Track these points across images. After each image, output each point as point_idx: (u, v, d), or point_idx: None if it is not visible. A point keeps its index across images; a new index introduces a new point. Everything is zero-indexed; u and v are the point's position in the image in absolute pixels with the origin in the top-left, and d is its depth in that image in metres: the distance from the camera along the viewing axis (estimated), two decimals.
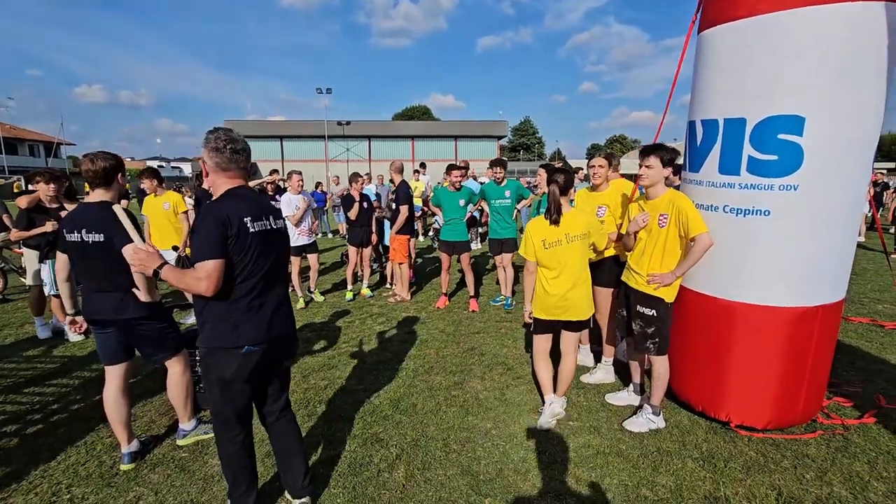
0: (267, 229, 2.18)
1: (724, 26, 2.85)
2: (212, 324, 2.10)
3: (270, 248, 2.18)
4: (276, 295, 2.23)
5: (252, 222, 2.11)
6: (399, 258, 6.28)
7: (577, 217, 3.16)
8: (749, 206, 2.81)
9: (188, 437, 3.03)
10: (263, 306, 2.17)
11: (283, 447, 2.41)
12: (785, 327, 2.89)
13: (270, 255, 2.18)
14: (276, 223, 2.25)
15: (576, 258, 3.12)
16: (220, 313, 2.09)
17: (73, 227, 2.59)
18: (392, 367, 4.22)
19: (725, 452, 2.90)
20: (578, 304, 3.15)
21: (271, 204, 2.50)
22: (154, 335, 2.79)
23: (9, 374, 4.04)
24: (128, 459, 2.80)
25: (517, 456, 2.90)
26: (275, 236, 2.22)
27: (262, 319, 2.15)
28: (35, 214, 4.74)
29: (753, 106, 2.73)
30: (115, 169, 2.68)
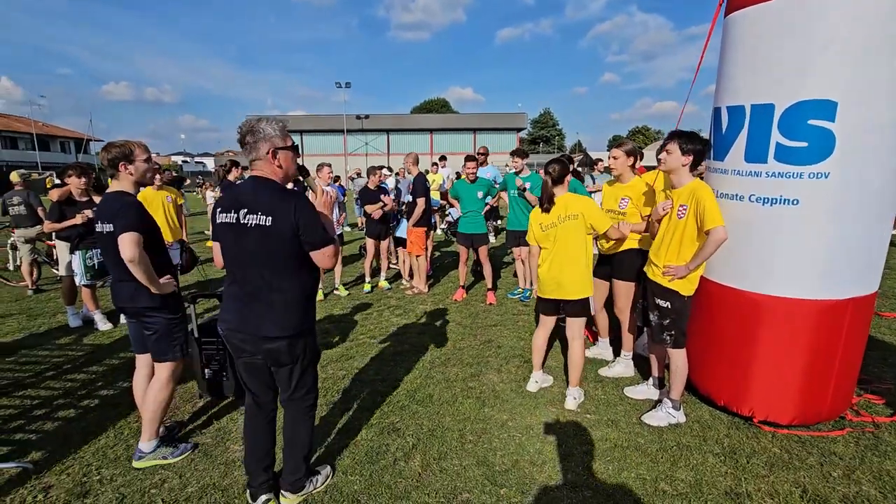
0: (232, 223, 2.17)
1: (753, 8, 2.74)
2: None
3: (235, 239, 2.18)
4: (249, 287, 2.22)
5: (221, 213, 2.24)
6: (416, 251, 6.29)
7: (571, 200, 3.29)
8: (777, 195, 2.71)
9: (145, 460, 2.74)
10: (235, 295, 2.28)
11: (285, 434, 2.44)
12: (813, 321, 2.79)
13: (234, 247, 2.20)
14: (245, 218, 2.15)
15: (568, 237, 3.26)
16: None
17: (98, 219, 2.67)
18: (409, 358, 4.24)
19: (748, 448, 2.84)
20: (570, 282, 3.29)
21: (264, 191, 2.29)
22: (161, 330, 2.73)
23: (42, 361, 4.21)
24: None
25: (533, 448, 2.89)
26: (244, 231, 2.16)
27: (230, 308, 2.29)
28: (66, 207, 4.91)
29: (782, 91, 2.62)
30: (117, 158, 2.63)
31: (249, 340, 2.23)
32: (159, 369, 2.79)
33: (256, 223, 2.11)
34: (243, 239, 2.14)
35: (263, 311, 2.20)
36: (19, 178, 6.71)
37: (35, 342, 4.69)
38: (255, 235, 2.12)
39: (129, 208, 2.59)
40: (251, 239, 2.13)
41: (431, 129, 46.83)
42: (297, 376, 2.34)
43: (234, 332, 2.25)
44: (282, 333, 2.21)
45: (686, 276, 2.93)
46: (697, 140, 2.91)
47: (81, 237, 4.90)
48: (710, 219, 2.74)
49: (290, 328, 2.23)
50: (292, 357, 2.28)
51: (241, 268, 2.21)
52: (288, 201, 2.13)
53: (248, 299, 2.21)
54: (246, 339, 2.23)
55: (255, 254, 2.15)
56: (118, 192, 2.67)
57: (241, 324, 2.23)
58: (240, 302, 2.23)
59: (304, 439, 2.43)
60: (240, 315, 2.23)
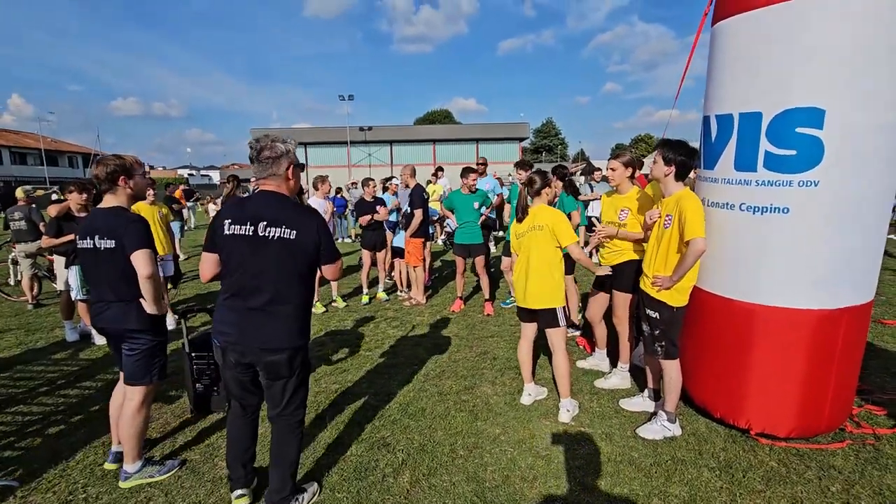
0: (249, 235, 2.20)
1: (740, 17, 2.73)
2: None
3: (250, 251, 2.21)
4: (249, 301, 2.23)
5: (231, 225, 2.22)
6: (414, 261, 6.28)
7: (543, 212, 3.34)
8: (767, 204, 2.68)
9: (130, 480, 2.68)
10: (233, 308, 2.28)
11: (272, 450, 2.43)
12: (807, 330, 2.74)
13: (248, 258, 2.21)
14: (266, 230, 2.20)
15: (534, 246, 3.31)
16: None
17: (86, 234, 2.57)
18: (404, 370, 4.21)
19: (745, 462, 2.77)
20: (534, 292, 3.33)
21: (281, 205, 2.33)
22: (144, 352, 2.64)
23: (36, 377, 4.20)
24: (112, 459, 2.84)
25: (525, 462, 2.84)
26: (263, 244, 2.20)
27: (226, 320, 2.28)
28: (64, 223, 4.94)
29: (769, 99, 2.61)
30: (116, 172, 2.59)
31: (250, 353, 2.24)
32: (133, 393, 2.65)
33: (280, 236, 2.17)
34: (262, 250, 2.17)
35: (268, 322, 2.22)
36: (23, 195, 6.80)
37: (32, 357, 4.69)
38: (276, 247, 2.17)
39: (138, 225, 2.56)
40: (271, 251, 2.17)
41: (434, 140, 47.05)
42: (290, 391, 2.34)
43: (234, 345, 2.25)
44: (285, 345, 2.25)
45: (672, 287, 2.90)
46: (682, 149, 2.89)
47: (77, 253, 4.93)
48: (690, 229, 2.72)
49: (293, 340, 2.27)
50: (291, 370, 2.30)
51: (252, 279, 2.20)
52: (311, 218, 2.26)
53: (251, 312, 2.22)
54: (246, 351, 2.24)
55: (272, 265, 2.19)
56: (118, 208, 2.63)
57: (241, 336, 2.23)
58: (239, 314, 2.23)
59: (291, 456, 2.41)
60: (239, 328, 2.23)
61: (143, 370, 2.65)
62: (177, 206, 9.97)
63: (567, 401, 3.34)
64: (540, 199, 3.41)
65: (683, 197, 2.83)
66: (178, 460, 2.87)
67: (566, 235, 3.25)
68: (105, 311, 2.61)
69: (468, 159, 43.37)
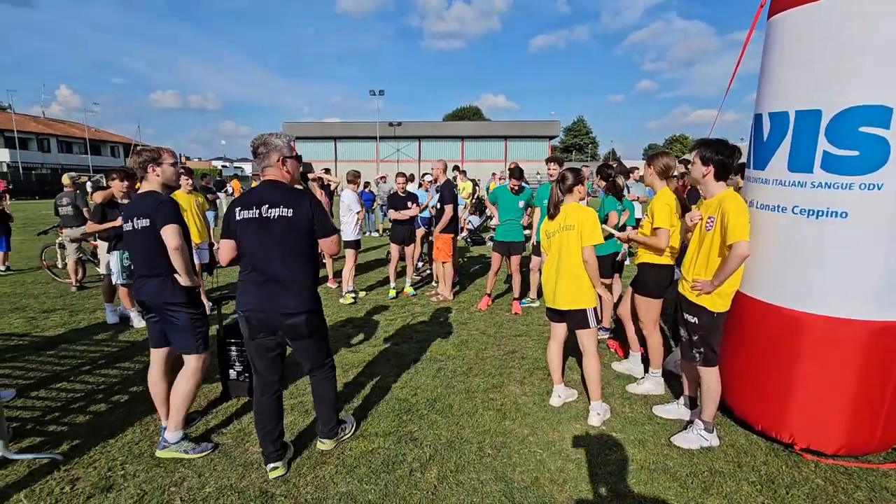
0: (255, 217, 2.53)
1: (800, 9, 2.59)
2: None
3: (258, 231, 2.53)
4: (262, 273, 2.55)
5: (241, 212, 2.56)
6: (443, 257, 6.26)
7: (574, 210, 3.24)
8: (823, 207, 2.54)
9: (167, 451, 2.83)
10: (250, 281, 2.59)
11: (315, 395, 2.91)
12: (862, 343, 2.58)
13: (257, 238, 2.53)
14: (268, 212, 2.52)
15: (565, 245, 3.23)
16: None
17: (128, 217, 2.83)
18: (431, 366, 4.19)
19: (788, 478, 2.64)
20: (562, 292, 3.26)
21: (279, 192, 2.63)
22: (184, 324, 2.84)
23: (79, 356, 4.38)
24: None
25: (554, 465, 2.78)
26: (266, 223, 2.52)
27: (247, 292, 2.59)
28: (108, 209, 5.12)
29: (830, 96, 2.46)
30: (146, 161, 2.85)
31: (270, 318, 2.56)
32: (187, 361, 2.91)
33: (280, 214, 2.52)
34: (266, 229, 2.52)
35: (284, 291, 2.55)
36: (69, 181, 7.10)
37: (75, 337, 4.89)
38: (277, 225, 2.52)
39: (167, 204, 2.81)
40: (275, 228, 2.52)
41: (463, 137, 46.96)
42: (314, 347, 2.75)
43: (256, 312, 2.56)
44: (301, 309, 2.58)
45: (713, 292, 2.79)
46: (720, 148, 2.77)
47: (119, 238, 5.10)
48: (732, 233, 2.60)
49: (306, 304, 2.61)
50: (310, 329, 2.65)
51: (263, 255, 2.54)
52: (304, 197, 2.59)
53: (268, 283, 2.55)
54: (267, 317, 2.56)
55: (277, 241, 2.53)
56: (150, 192, 2.87)
57: (262, 304, 2.55)
58: (259, 286, 2.56)
59: (330, 396, 2.89)
60: (260, 297, 2.55)
61: (188, 340, 2.88)
62: (211, 196, 10.25)
63: (597, 404, 3.26)
64: (572, 196, 3.32)
65: (726, 198, 2.71)
66: (211, 444, 2.95)
67: (588, 235, 3.15)
68: (144, 286, 2.85)
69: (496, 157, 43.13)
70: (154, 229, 2.73)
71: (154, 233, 2.73)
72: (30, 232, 12.85)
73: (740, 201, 2.70)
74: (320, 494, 2.53)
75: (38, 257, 7.93)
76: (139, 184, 2.94)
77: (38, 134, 43.62)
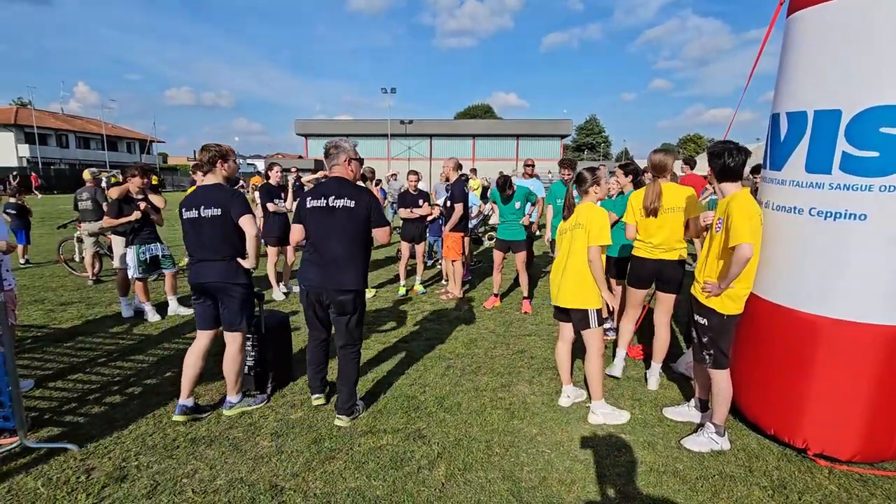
0: (323, 206, 3.06)
1: (820, 6, 2.54)
2: None
3: (323, 218, 3.06)
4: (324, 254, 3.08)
5: (311, 200, 3.11)
6: (453, 255, 6.26)
7: (586, 210, 3.24)
8: (841, 209, 2.49)
9: (234, 409, 3.31)
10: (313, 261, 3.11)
11: (339, 373, 3.25)
12: (879, 347, 2.53)
13: (322, 224, 3.06)
14: (333, 202, 3.05)
15: (574, 243, 3.23)
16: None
17: (192, 206, 3.09)
18: (439, 364, 4.20)
19: (800, 484, 2.60)
20: (565, 290, 3.28)
21: (343, 186, 3.13)
22: (242, 300, 3.18)
23: (95, 348, 4.47)
24: (179, 411, 3.20)
25: (562, 465, 2.77)
26: (332, 212, 3.05)
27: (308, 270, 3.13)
28: (124, 204, 5.20)
29: (851, 95, 2.41)
30: (215, 157, 3.16)
31: (327, 293, 3.08)
32: (232, 340, 3.23)
33: (344, 205, 3.04)
34: (331, 216, 3.04)
35: (338, 271, 3.05)
36: (90, 176, 7.24)
37: (91, 329, 4.99)
38: (341, 213, 3.04)
39: (241, 197, 3.20)
40: (338, 216, 3.04)
41: (474, 135, 46.88)
42: (353, 324, 3.18)
43: (315, 288, 3.10)
44: (353, 287, 3.09)
45: (722, 294, 2.77)
46: (718, 150, 2.76)
47: (136, 232, 5.19)
48: (735, 234, 2.56)
49: (357, 284, 3.11)
50: (355, 307, 3.14)
51: (325, 239, 3.05)
52: (364, 193, 3.15)
53: (327, 264, 3.05)
54: (323, 292, 3.09)
55: (339, 227, 3.04)
56: (219, 185, 3.19)
57: (322, 281, 3.07)
58: (319, 266, 3.07)
59: (353, 375, 3.24)
60: (320, 275, 3.07)
61: (239, 317, 3.20)
62: None
63: (597, 403, 3.25)
64: (588, 197, 3.31)
65: (735, 199, 2.69)
66: (266, 395, 3.50)
67: (595, 235, 3.11)
68: (206, 269, 3.12)
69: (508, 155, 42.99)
70: (225, 218, 3.06)
71: (224, 220, 3.07)
72: (48, 226, 13.13)
73: (746, 202, 2.65)
74: (329, 489, 2.55)
75: (56, 251, 8.09)
76: (206, 175, 3.21)
77: (57, 130, 44.45)
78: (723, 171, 2.79)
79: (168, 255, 5.52)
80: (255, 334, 3.52)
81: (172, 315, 5.47)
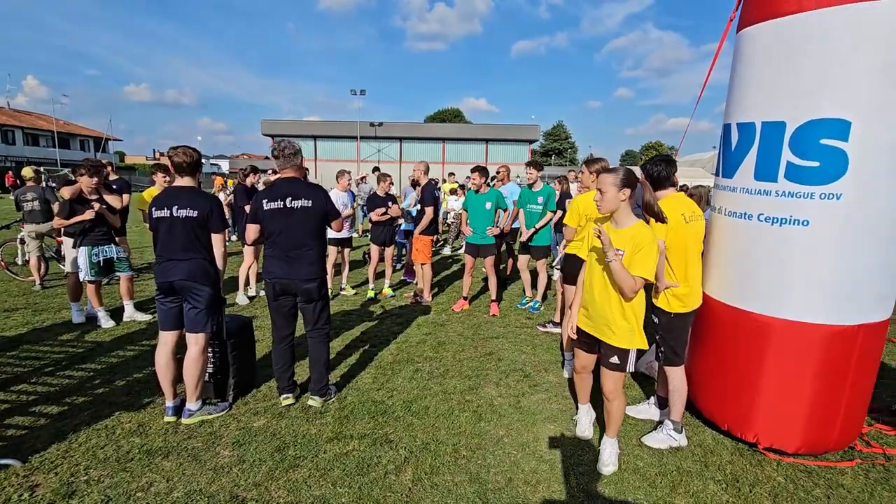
0: (280, 208, 3.19)
1: (767, 24, 2.69)
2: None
3: (282, 219, 3.21)
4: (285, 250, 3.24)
5: (268, 203, 3.20)
6: (422, 259, 6.26)
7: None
8: (786, 215, 2.64)
9: (194, 417, 3.20)
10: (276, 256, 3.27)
11: (310, 357, 3.48)
12: (821, 346, 2.70)
13: (283, 223, 3.21)
14: (291, 203, 3.20)
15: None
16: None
17: (163, 205, 3.06)
18: (407, 368, 4.19)
19: (751, 476, 2.73)
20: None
21: (300, 186, 3.29)
22: (209, 301, 3.15)
23: (42, 357, 4.22)
24: (171, 412, 3.21)
25: (528, 466, 2.81)
26: (291, 212, 3.21)
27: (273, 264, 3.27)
28: (77, 205, 4.94)
29: (794, 108, 2.56)
30: (196, 164, 3.21)
31: (292, 284, 3.26)
32: (194, 342, 3.16)
33: (302, 205, 3.22)
34: (290, 216, 3.21)
35: (301, 263, 3.24)
36: (33, 174, 6.80)
37: (38, 337, 4.71)
38: (299, 213, 3.21)
39: (220, 208, 3.22)
40: (297, 215, 3.21)
41: (444, 139, 47.00)
42: (319, 309, 3.39)
43: (280, 279, 3.26)
44: (314, 276, 3.30)
45: (664, 292, 2.94)
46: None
47: (85, 233, 4.94)
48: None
49: (318, 273, 3.33)
50: (320, 294, 3.36)
51: (285, 237, 3.22)
52: (320, 191, 3.35)
53: (289, 257, 3.23)
54: (288, 283, 3.26)
55: (299, 225, 3.22)
56: (195, 188, 3.20)
57: (286, 273, 3.24)
58: (282, 260, 3.24)
59: (324, 358, 3.46)
60: (283, 268, 3.24)
61: (204, 319, 3.16)
62: None
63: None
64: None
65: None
66: (227, 403, 3.40)
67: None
68: (175, 268, 3.08)
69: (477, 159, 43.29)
70: (199, 221, 3.08)
71: (197, 223, 3.07)
72: None
73: (662, 205, 2.78)
74: (293, 498, 2.50)
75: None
76: (183, 177, 3.18)
77: (3, 125, 41.77)
78: (650, 181, 2.97)
79: (124, 258, 5.28)
80: (215, 340, 3.41)
81: (128, 321, 5.23)
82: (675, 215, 2.82)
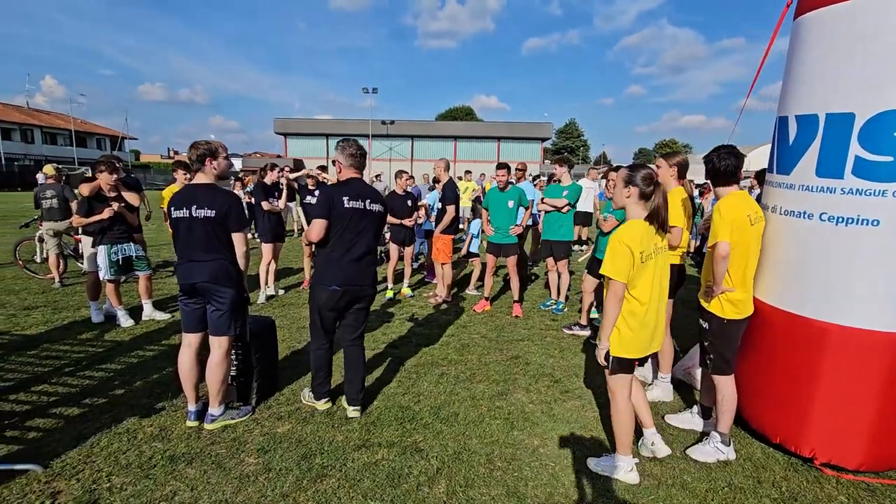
0: (360, 208, 3.09)
1: (831, 8, 2.49)
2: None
3: (359, 220, 3.10)
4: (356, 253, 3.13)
5: (349, 201, 3.06)
6: (442, 258, 6.11)
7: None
8: (853, 215, 2.44)
9: (216, 422, 3.09)
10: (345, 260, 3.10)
11: (352, 365, 3.27)
12: (889, 355, 2.49)
13: (359, 225, 3.10)
14: (370, 206, 3.14)
15: (663, 272, 2.59)
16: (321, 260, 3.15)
17: (182, 205, 2.92)
18: (432, 371, 4.05)
19: (810, 495, 2.55)
20: (661, 331, 2.68)
21: (374, 190, 3.29)
22: (233, 304, 3.01)
23: (62, 356, 4.15)
24: (193, 417, 3.11)
25: (568, 480, 2.66)
26: (367, 214, 3.13)
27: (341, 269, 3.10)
28: (95, 202, 4.88)
29: (865, 99, 2.37)
30: (204, 154, 2.98)
31: (355, 291, 3.15)
32: (218, 344, 3.04)
33: (378, 210, 3.19)
34: (364, 218, 3.12)
35: (369, 268, 3.20)
36: (54, 172, 6.78)
37: (57, 336, 4.65)
38: (371, 217, 3.16)
39: (239, 206, 3.04)
40: (368, 219, 3.14)
41: (456, 137, 46.76)
42: (364, 317, 3.32)
43: (350, 287, 3.11)
44: (375, 280, 3.30)
45: (719, 296, 2.78)
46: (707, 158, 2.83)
47: (104, 231, 4.87)
48: (712, 234, 2.68)
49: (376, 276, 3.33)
50: (372, 299, 3.33)
51: (358, 240, 3.11)
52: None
53: (355, 262, 3.11)
54: (352, 290, 3.13)
55: (370, 229, 3.16)
56: (210, 185, 3.02)
57: (356, 280, 3.12)
58: (352, 264, 3.10)
59: (364, 368, 3.36)
60: (354, 274, 3.11)
61: (228, 322, 3.03)
62: None
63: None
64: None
65: (721, 201, 2.77)
66: (250, 406, 3.30)
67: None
68: (196, 269, 2.95)
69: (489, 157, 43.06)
70: (218, 220, 2.92)
71: (216, 222, 2.92)
72: (11, 225, 12.42)
73: (726, 203, 2.71)
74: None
75: (13, 253, 7.44)
76: (196, 174, 3.04)
77: (22, 124, 42.44)
78: (714, 175, 2.82)
79: (142, 257, 5.21)
80: (238, 341, 3.30)
81: (147, 320, 5.17)
82: (740, 216, 2.65)
